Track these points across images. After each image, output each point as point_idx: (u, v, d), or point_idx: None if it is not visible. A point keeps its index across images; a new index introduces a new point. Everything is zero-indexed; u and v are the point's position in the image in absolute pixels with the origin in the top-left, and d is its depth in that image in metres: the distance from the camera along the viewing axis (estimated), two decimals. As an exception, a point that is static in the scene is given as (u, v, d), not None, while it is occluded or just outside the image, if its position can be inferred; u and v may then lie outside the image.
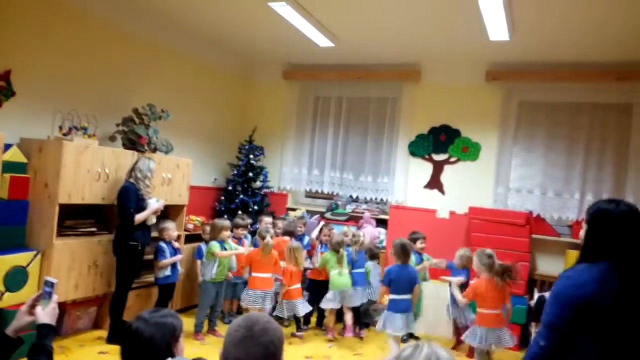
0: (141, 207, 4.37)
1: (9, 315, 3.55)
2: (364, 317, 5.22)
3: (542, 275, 5.52)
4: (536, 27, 4.70)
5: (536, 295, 4.66)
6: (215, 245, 4.80)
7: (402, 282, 4.28)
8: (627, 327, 1.75)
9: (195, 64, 6.18)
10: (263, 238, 4.79)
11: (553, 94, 5.71)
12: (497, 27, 4.64)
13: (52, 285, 1.99)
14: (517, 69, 5.76)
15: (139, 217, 4.32)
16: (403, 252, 4.36)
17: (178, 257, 4.81)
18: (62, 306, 4.26)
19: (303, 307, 4.90)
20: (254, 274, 4.78)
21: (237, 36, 5.92)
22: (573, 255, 5.36)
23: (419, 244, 5.19)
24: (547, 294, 4.59)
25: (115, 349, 3.93)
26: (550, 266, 5.56)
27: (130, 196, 4.30)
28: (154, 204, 4.48)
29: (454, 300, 4.66)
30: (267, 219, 5.62)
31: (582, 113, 5.59)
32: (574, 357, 1.81)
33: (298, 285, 4.92)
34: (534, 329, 4.71)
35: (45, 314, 1.94)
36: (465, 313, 4.71)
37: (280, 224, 5.63)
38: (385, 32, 5.24)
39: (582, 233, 2.00)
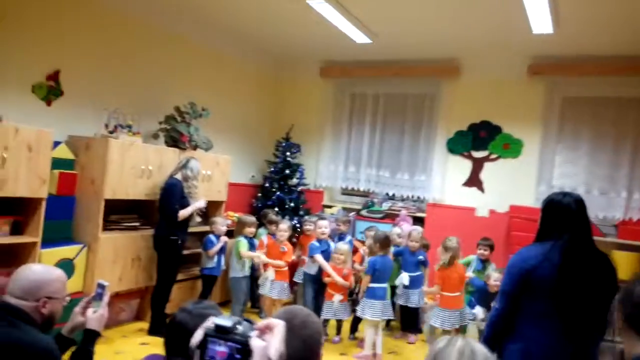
0: (184, 204, 4.46)
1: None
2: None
3: (586, 277, 5.32)
4: (581, 19, 4.53)
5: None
6: (242, 244, 4.88)
7: (383, 272, 4.51)
8: (564, 292, 2.15)
9: (233, 63, 6.27)
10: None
11: (598, 88, 5.51)
12: (540, 20, 4.50)
13: (103, 287, 2.07)
14: (561, 63, 5.58)
15: (182, 214, 4.43)
16: (385, 243, 4.59)
17: (218, 246, 4.89)
18: (107, 298, 4.42)
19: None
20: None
21: (275, 35, 5.96)
22: (619, 255, 5.15)
23: (480, 250, 4.91)
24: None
25: (156, 340, 4.08)
26: (595, 267, 5.36)
27: (175, 193, 4.40)
28: (198, 202, 4.59)
29: None
30: (322, 222, 5.07)
31: (629, 108, 5.37)
32: (519, 316, 2.24)
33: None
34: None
35: (94, 320, 2.02)
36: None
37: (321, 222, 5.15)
38: (423, 27, 5.17)
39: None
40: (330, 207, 6.64)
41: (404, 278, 4.86)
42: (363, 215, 6.38)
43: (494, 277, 4.47)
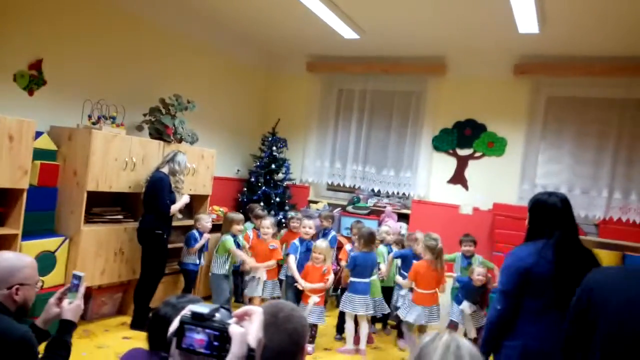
0: (172, 199, 4.43)
1: (37, 300, 3.63)
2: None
3: (567, 274, 5.41)
4: (567, 19, 4.59)
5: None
6: (229, 241, 4.73)
7: (364, 268, 4.49)
8: (562, 287, 2.21)
9: (219, 56, 6.22)
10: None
11: (583, 89, 5.58)
12: (526, 20, 4.55)
13: (79, 278, 2.05)
14: (546, 63, 5.64)
15: (173, 208, 4.40)
16: (370, 240, 4.57)
17: (201, 242, 4.85)
18: (88, 291, 4.36)
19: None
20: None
21: (262, 28, 5.93)
22: (600, 255, 5.23)
23: (465, 247, 4.96)
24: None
25: (139, 334, 4.04)
26: (575, 265, 5.45)
27: (164, 187, 4.35)
28: (185, 197, 4.55)
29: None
30: (307, 222, 4.91)
31: (613, 109, 5.46)
32: (521, 315, 2.31)
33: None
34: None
35: (70, 310, 2.01)
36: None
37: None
38: (412, 24, 5.18)
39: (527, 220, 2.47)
40: (316, 202, 6.64)
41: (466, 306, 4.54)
42: (349, 211, 6.40)
43: (477, 272, 4.54)
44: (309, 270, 4.48)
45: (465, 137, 6.09)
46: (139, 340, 2.48)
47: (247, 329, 0.96)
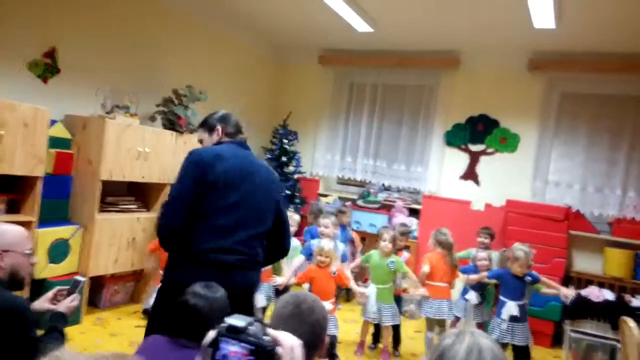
0: None
1: (51, 286, 3.66)
2: None
3: (578, 273, 5.38)
4: (584, 15, 4.53)
5: (573, 292, 4.54)
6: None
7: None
8: None
9: (232, 48, 6.21)
10: None
11: (598, 85, 5.52)
12: (543, 15, 4.49)
13: (78, 284, 2.19)
14: (561, 59, 5.57)
15: None
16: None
17: None
18: (102, 280, 4.40)
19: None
20: None
21: (275, 20, 5.90)
22: (612, 253, 5.22)
23: (480, 238, 4.90)
24: (583, 292, 4.55)
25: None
26: (587, 264, 5.43)
27: None
28: None
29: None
30: (325, 221, 4.47)
31: (628, 106, 5.39)
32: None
33: None
34: (567, 327, 4.63)
35: (64, 306, 2.08)
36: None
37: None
38: (425, 17, 5.14)
39: None
40: (326, 196, 6.64)
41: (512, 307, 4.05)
42: (359, 205, 6.39)
43: (480, 257, 4.50)
44: (314, 273, 3.90)
45: (477, 133, 6.05)
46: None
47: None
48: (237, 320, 0.93)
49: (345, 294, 5.71)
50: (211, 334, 0.93)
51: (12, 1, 3.84)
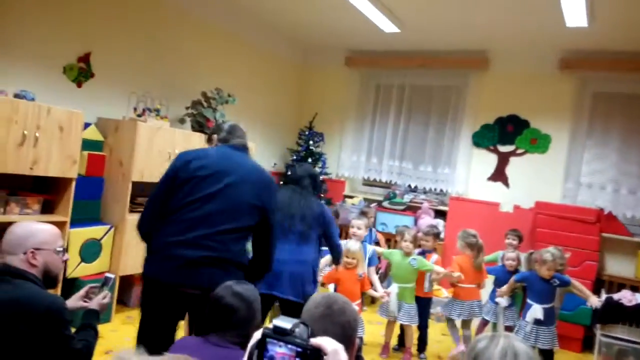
0: None
1: (83, 284, 3.76)
2: None
3: (610, 276, 5.25)
4: (617, 13, 4.41)
5: (604, 296, 4.44)
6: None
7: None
8: None
9: (258, 50, 6.26)
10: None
11: (630, 85, 5.37)
12: (575, 13, 4.40)
13: (109, 281, 2.28)
14: (593, 58, 5.44)
15: None
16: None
17: None
18: (131, 279, 4.49)
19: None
20: None
21: (301, 22, 5.93)
22: (646, 256, 5.06)
23: (508, 240, 4.80)
24: (615, 296, 4.43)
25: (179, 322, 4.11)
26: (620, 267, 5.29)
27: None
28: None
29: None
30: (357, 222, 4.27)
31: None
32: None
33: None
34: (598, 331, 4.51)
35: (95, 303, 2.15)
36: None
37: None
38: (453, 16, 5.08)
39: None
40: (351, 197, 6.63)
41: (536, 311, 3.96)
42: (384, 206, 6.36)
43: (508, 256, 4.48)
44: (340, 274, 3.86)
45: (507, 134, 5.96)
46: (179, 327, 2.54)
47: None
48: (283, 322, 0.94)
49: (369, 296, 5.68)
50: (257, 335, 0.94)
51: (50, 6, 3.96)
